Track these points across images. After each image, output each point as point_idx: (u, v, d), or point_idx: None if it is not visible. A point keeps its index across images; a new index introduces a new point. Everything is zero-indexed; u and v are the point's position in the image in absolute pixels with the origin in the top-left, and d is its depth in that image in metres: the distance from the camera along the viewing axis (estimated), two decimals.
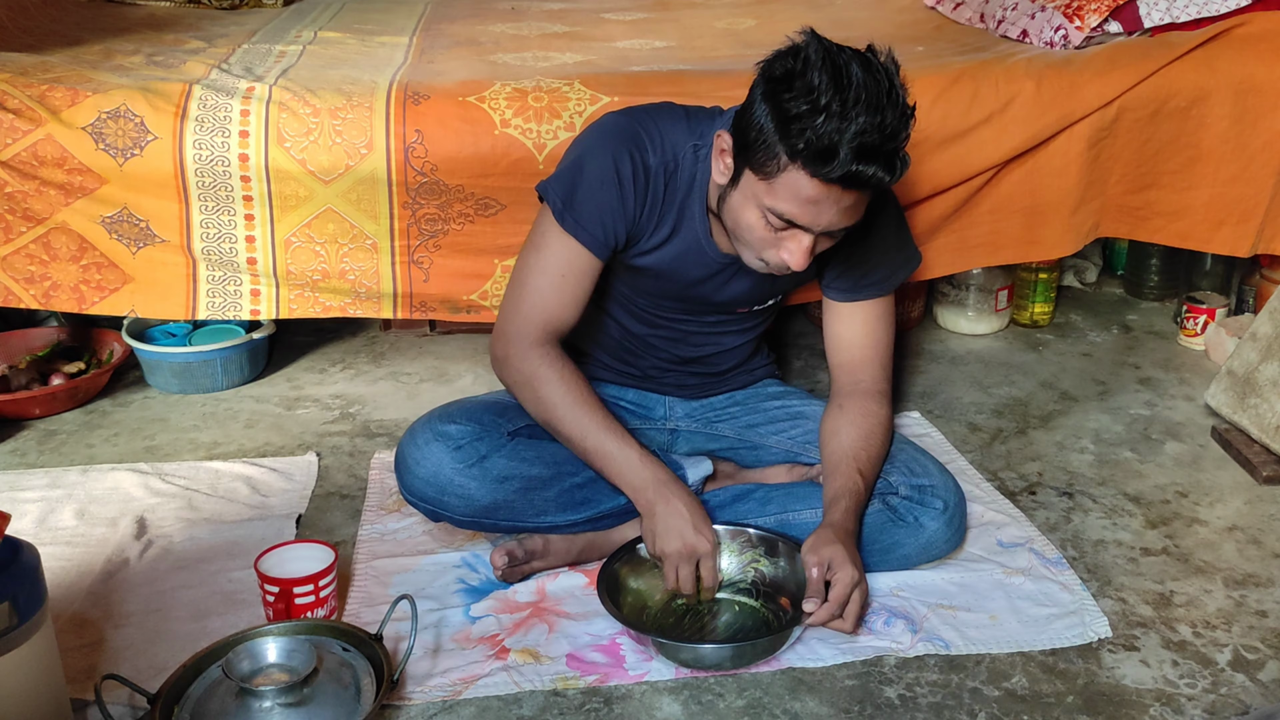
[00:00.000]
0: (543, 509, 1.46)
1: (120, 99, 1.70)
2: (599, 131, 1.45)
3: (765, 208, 1.26)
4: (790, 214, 1.24)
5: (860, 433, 1.48)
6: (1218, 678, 1.30)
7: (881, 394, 1.53)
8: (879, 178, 1.20)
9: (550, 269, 1.43)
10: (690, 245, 1.45)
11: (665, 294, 1.53)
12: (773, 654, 1.32)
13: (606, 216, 1.40)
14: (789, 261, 1.28)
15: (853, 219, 1.27)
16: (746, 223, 1.30)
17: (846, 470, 1.44)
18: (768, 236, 1.29)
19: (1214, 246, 2.02)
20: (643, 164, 1.41)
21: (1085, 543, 1.58)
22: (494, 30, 2.45)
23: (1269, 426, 1.77)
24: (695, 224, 1.43)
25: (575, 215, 1.40)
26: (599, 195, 1.40)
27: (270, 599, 1.34)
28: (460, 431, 1.45)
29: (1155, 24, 2.03)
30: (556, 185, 1.43)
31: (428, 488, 1.44)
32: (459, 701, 1.26)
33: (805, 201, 1.22)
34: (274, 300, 1.83)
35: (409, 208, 1.77)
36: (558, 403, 1.41)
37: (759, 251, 1.32)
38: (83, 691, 1.25)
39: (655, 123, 1.43)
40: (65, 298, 1.78)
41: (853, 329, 1.54)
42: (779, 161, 1.22)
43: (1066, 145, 1.91)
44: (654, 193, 1.42)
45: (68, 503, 1.67)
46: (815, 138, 1.17)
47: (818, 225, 1.25)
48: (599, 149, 1.42)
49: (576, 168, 1.42)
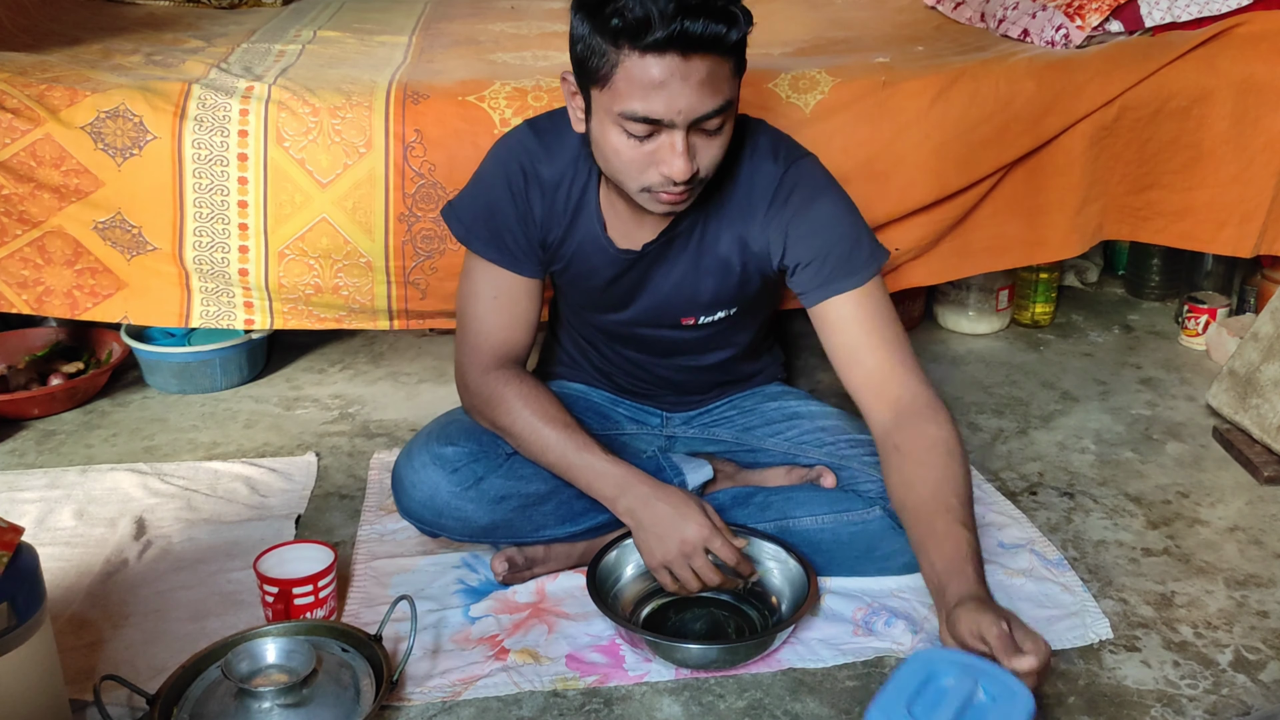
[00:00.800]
0: (541, 524, 1.45)
1: (119, 98, 1.69)
2: (495, 149, 1.43)
3: (619, 118, 1.17)
4: (644, 109, 1.14)
5: (936, 474, 1.26)
6: (1219, 678, 1.30)
7: (929, 406, 1.31)
8: (714, 31, 1.11)
9: (481, 293, 1.42)
10: (588, 237, 1.41)
11: (594, 304, 1.49)
12: (762, 654, 1.31)
13: (507, 235, 1.39)
14: (669, 172, 1.18)
15: (713, 99, 1.15)
16: (613, 148, 1.20)
17: (947, 529, 1.21)
18: (639, 155, 1.19)
19: (1217, 247, 2.01)
20: (535, 176, 1.38)
21: (1086, 543, 1.58)
22: (493, 29, 2.44)
23: (1270, 427, 1.77)
24: (591, 216, 1.39)
25: (480, 238, 1.40)
26: (496, 216, 1.39)
27: (269, 599, 1.34)
28: (457, 454, 1.42)
29: (1156, 23, 2.03)
30: (458, 212, 1.43)
31: (425, 510, 1.43)
32: (458, 702, 1.25)
33: (651, 87, 1.13)
34: (267, 312, 1.82)
35: (404, 220, 1.75)
36: (515, 422, 1.38)
37: (639, 178, 1.21)
38: (82, 692, 1.24)
39: (552, 125, 1.39)
40: (58, 303, 1.77)
41: (850, 332, 1.35)
42: (608, 57, 1.14)
43: (1068, 145, 1.90)
44: (554, 201, 1.39)
45: (66, 503, 1.67)
46: (627, 10, 1.10)
47: (678, 112, 1.15)
48: (491, 167, 1.42)
49: (473, 191, 1.43)
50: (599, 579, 1.40)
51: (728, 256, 1.41)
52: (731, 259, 1.42)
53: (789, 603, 1.39)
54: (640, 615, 1.41)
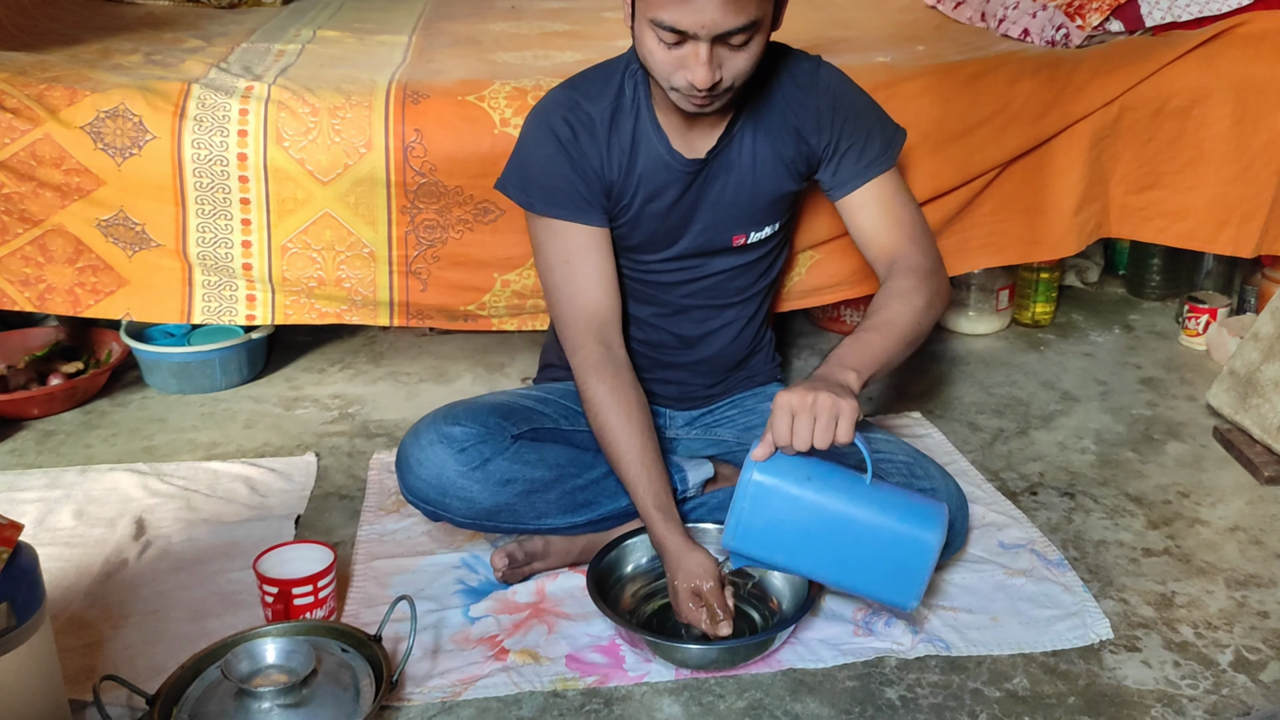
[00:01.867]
0: (544, 511, 1.45)
1: (119, 98, 1.69)
2: (532, 116, 1.46)
3: (652, 23, 1.24)
4: (671, 19, 1.21)
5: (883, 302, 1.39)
6: (1219, 678, 1.30)
7: (915, 269, 1.43)
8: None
9: (554, 263, 1.43)
10: (652, 155, 1.44)
11: (652, 236, 1.49)
12: (762, 655, 1.31)
13: (570, 180, 1.41)
14: (693, 78, 1.25)
15: (737, 16, 1.21)
16: (647, 49, 1.28)
17: (865, 331, 1.35)
18: (668, 58, 1.26)
19: (1217, 247, 2.01)
20: (583, 121, 1.41)
21: (1086, 543, 1.58)
22: (493, 29, 2.44)
23: (1271, 427, 1.76)
24: (650, 133, 1.43)
25: (540, 197, 1.42)
26: (551, 167, 1.41)
27: (269, 600, 1.34)
28: (465, 434, 1.43)
29: (1157, 23, 2.03)
30: (510, 179, 1.45)
31: (430, 489, 1.43)
32: (458, 702, 1.25)
33: (677, 1, 1.20)
34: (269, 306, 1.82)
35: (407, 213, 1.76)
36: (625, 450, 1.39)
37: (668, 79, 1.29)
38: (81, 692, 1.24)
39: (585, 77, 1.46)
40: (60, 300, 1.77)
41: (874, 215, 1.48)
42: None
43: (1068, 144, 1.90)
44: (610, 136, 1.42)
45: (66, 503, 1.67)
46: None
47: (702, 26, 1.21)
48: (533, 127, 1.44)
49: (521, 155, 1.45)
50: (599, 579, 1.40)
51: (782, 151, 1.47)
52: (784, 153, 1.47)
53: (789, 603, 1.39)
54: (643, 613, 1.41)
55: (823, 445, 1.21)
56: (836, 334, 2.33)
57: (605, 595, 1.38)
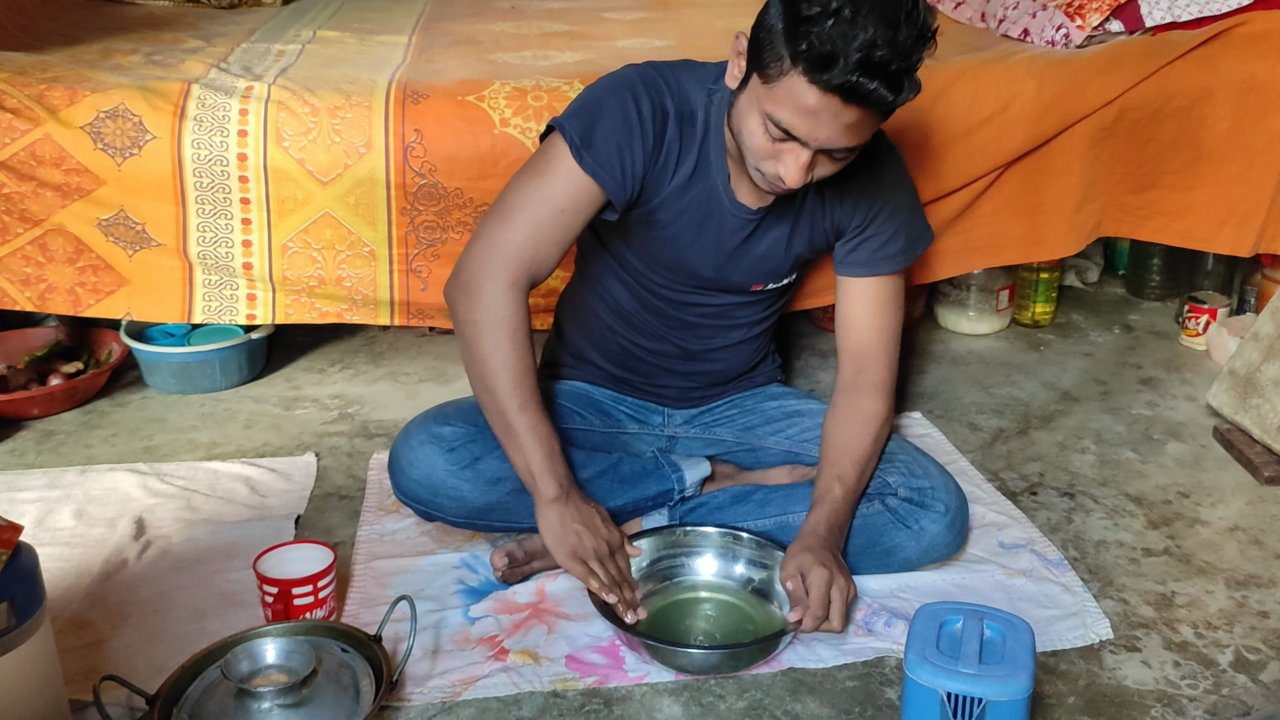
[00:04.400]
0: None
1: (119, 98, 1.69)
2: (616, 76, 1.41)
3: (765, 114, 1.22)
4: (788, 123, 1.20)
5: (847, 434, 1.47)
6: (1219, 678, 1.30)
7: (878, 388, 1.51)
8: (881, 94, 1.16)
9: (552, 199, 1.36)
10: (709, 192, 1.42)
11: (677, 258, 1.47)
12: (765, 659, 1.31)
13: (625, 157, 1.36)
14: (784, 175, 1.25)
15: (853, 140, 1.22)
16: (748, 128, 1.26)
17: (826, 477, 1.44)
18: (767, 146, 1.25)
19: (1216, 246, 2.01)
20: (660, 107, 1.38)
21: (1086, 543, 1.58)
22: (493, 29, 2.44)
23: (1271, 427, 1.76)
24: (713, 169, 1.41)
25: (594, 153, 1.35)
26: (619, 133, 1.36)
27: (269, 600, 1.34)
28: (454, 433, 1.44)
29: (1157, 23, 2.03)
30: (573, 122, 1.36)
31: (421, 489, 1.43)
32: (458, 703, 1.25)
33: (803, 111, 1.19)
34: (270, 305, 1.82)
35: (407, 214, 1.76)
36: (499, 366, 1.34)
37: (758, 162, 1.28)
38: (81, 692, 1.24)
39: (672, 72, 1.41)
40: (61, 300, 1.77)
41: (864, 308, 1.51)
42: (782, 64, 1.18)
43: (1068, 144, 1.90)
44: (671, 137, 1.39)
45: (66, 503, 1.67)
46: (819, 41, 1.13)
47: (815, 140, 1.21)
48: (617, 89, 1.38)
49: (594, 105, 1.37)
50: None
51: (819, 220, 1.47)
52: (821, 222, 1.48)
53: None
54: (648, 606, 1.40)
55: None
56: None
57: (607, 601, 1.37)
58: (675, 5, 2.82)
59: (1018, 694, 1.09)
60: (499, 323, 1.34)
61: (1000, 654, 1.12)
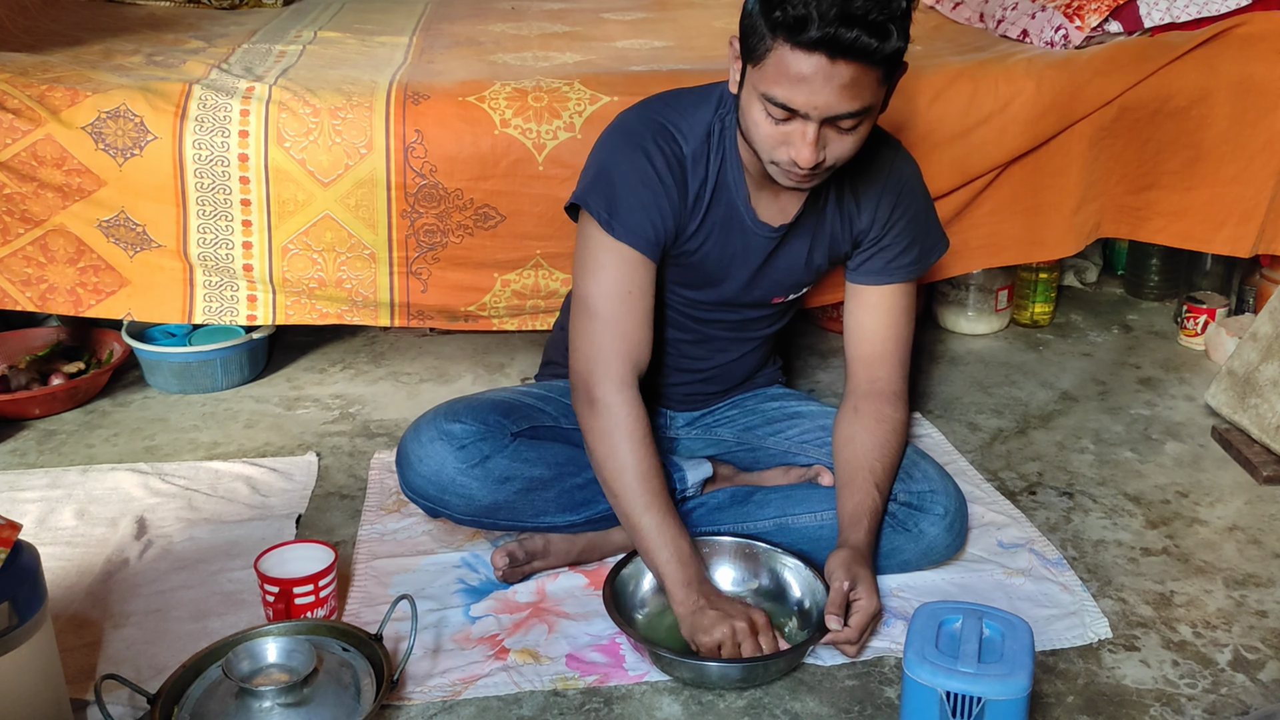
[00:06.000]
0: (542, 509, 1.45)
1: (120, 99, 1.70)
2: (621, 132, 1.41)
3: (762, 95, 1.22)
4: (784, 97, 1.20)
5: (876, 441, 1.45)
6: (1218, 678, 1.30)
7: (897, 395, 1.50)
8: (865, 42, 1.15)
9: (614, 291, 1.38)
10: (730, 214, 1.42)
11: (699, 280, 1.48)
12: (782, 676, 1.30)
13: (654, 215, 1.37)
14: (796, 156, 1.24)
15: (852, 102, 1.20)
16: (753, 120, 1.26)
17: (864, 486, 1.41)
18: (774, 133, 1.25)
19: (1215, 247, 2.02)
20: (675, 156, 1.38)
21: (1085, 543, 1.58)
22: (494, 30, 2.45)
23: (1269, 426, 1.77)
24: (732, 190, 1.41)
25: (623, 222, 1.36)
26: (640, 195, 1.36)
27: (270, 599, 1.34)
28: (465, 431, 1.44)
29: (1155, 24, 2.03)
30: (595, 196, 1.37)
31: (429, 486, 1.44)
32: (459, 702, 1.26)
33: (795, 79, 1.18)
34: (270, 306, 1.82)
35: (407, 216, 1.76)
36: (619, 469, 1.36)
37: (770, 153, 1.27)
38: (82, 691, 1.25)
39: (677, 111, 1.41)
40: (62, 300, 1.77)
41: (876, 318, 1.50)
42: (766, 42, 1.19)
43: (1067, 145, 1.91)
44: (691, 180, 1.39)
45: (67, 503, 1.67)
46: (792, 6, 1.14)
47: (815, 108, 1.20)
48: (626, 148, 1.38)
49: (610, 171, 1.38)
50: (617, 591, 1.38)
51: (838, 232, 1.48)
52: (839, 233, 1.48)
53: (810, 601, 1.38)
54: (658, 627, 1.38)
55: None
56: (836, 333, 2.33)
57: (621, 609, 1.36)
58: (674, 6, 2.83)
59: (1017, 693, 1.09)
60: (614, 427, 1.36)
61: (999, 653, 1.13)
